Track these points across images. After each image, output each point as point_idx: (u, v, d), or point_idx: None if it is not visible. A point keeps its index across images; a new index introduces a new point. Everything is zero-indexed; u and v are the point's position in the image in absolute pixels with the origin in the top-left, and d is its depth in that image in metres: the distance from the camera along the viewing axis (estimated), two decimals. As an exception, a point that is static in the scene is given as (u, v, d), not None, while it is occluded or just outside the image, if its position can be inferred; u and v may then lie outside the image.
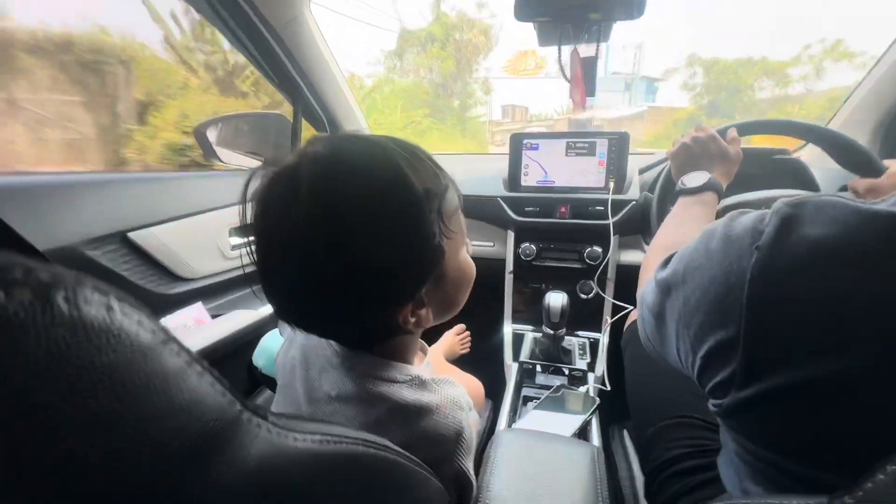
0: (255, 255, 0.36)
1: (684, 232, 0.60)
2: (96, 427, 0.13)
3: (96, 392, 0.13)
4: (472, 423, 0.73)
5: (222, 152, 1.07)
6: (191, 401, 0.16)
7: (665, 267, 0.43)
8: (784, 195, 0.76)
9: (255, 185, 0.36)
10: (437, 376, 0.45)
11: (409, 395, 0.40)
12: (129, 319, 0.14)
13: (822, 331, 0.27)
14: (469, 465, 0.44)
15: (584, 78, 0.83)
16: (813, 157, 1.05)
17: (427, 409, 0.40)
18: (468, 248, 0.47)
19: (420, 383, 0.42)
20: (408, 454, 0.34)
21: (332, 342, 0.44)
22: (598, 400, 0.88)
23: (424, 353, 0.54)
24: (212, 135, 1.22)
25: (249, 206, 0.36)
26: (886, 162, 0.70)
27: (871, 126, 0.98)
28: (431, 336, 1.19)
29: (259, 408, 0.20)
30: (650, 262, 0.57)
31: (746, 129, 0.79)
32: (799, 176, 1.01)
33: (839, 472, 0.28)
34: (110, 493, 0.13)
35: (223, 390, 0.18)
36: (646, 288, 0.48)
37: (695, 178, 0.70)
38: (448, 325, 1.27)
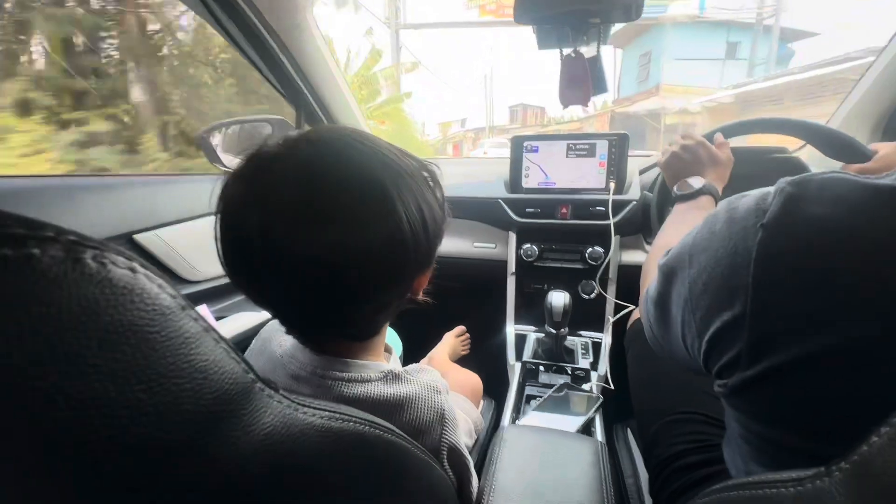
0: (246, 263, 0.33)
1: (684, 231, 0.60)
2: (122, 379, 0.14)
3: (123, 347, 0.14)
4: (462, 408, 0.73)
5: (226, 157, 1.08)
6: (208, 363, 0.16)
7: (667, 255, 0.43)
8: None
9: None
10: (410, 366, 0.45)
11: (385, 390, 0.40)
12: (151, 283, 0.15)
13: (826, 305, 0.27)
14: (459, 440, 0.44)
15: (592, 76, 0.84)
16: (812, 156, 1.06)
17: (406, 401, 0.40)
18: None
19: (394, 377, 0.41)
20: (411, 439, 0.34)
21: (296, 355, 0.41)
22: (601, 398, 0.88)
23: (389, 352, 0.54)
24: (215, 139, 1.23)
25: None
26: (872, 146, 0.70)
27: (872, 123, 0.98)
28: (430, 338, 1.20)
29: (270, 381, 0.21)
30: (651, 263, 0.57)
31: (731, 131, 0.81)
32: (798, 174, 1.02)
33: (842, 445, 0.28)
34: (132, 442, 0.14)
35: (238, 359, 0.18)
36: (649, 285, 0.48)
37: (689, 184, 0.70)
38: (448, 328, 1.28)
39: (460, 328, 1.28)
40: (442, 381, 0.45)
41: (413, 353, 1.12)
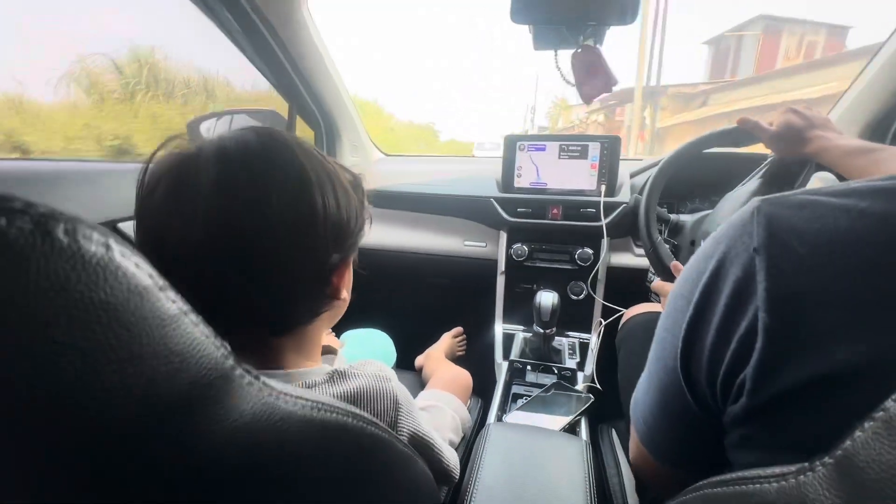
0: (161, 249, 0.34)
1: None
2: (92, 358, 0.13)
3: (93, 325, 0.13)
4: (451, 406, 0.73)
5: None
6: (185, 347, 0.16)
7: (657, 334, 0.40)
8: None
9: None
10: (355, 363, 0.45)
11: (333, 390, 0.39)
12: (127, 260, 0.14)
13: (844, 319, 0.26)
14: (419, 425, 0.45)
15: (601, 68, 0.84)
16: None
17: (357, 395, 0.40)
18: None
19: (340, 375, 0.41)
20: (395, 434, 0.34)
21: None
22: (591, 397, 0.89)
23: (333, 353, 0.53)
24: (205, 129, 1.22)
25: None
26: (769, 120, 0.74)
27: (859, 128, 1.00)
28: (425, 339, 1.20)
29: (251, 368, 0.20)
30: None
31: (650, 215, 0.91)
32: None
33: None
34: (101, 425, 0.13)
35: (218, 343, 0.18)
36: (636, 393, 0.45)
37: None
38: (440, 327, 1.28)
39: (457, 329, 1.29)
40: (390, 371, 0.45)
41: (408, 351, 1.11)
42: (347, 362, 0.51)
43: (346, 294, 0.41)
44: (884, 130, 0.99)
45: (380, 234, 1.33)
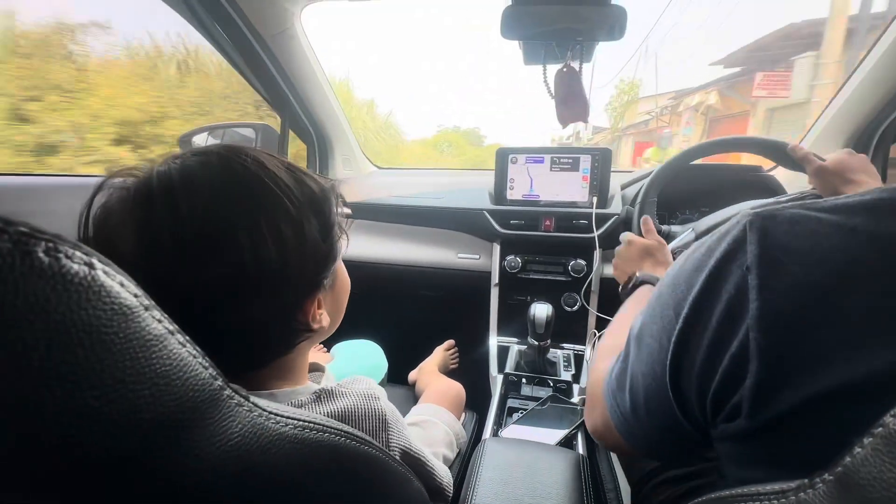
0: None
1: (627, 320, 0.53)
2: (73, 384, 0.13)
3: (75, 349, 0.13)
4: (444, 421, 0.73)
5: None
6: (171, 368, 0.15)
7: (635, 326, 0.41)
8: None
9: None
10: (342, 380, 0.43)
11: (321, 409, 0.38)
12: (111, 279, 0.14)
13: (837, 338, 0.26)
14: (409, 441, 0.44)
15: (580, 97, 0.86)
16: (788, 176, 1.09)
17: (345, 415, 0.39)
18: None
19: (327, 394, 0.40)
20: (389, 452, 0.33)
21: None
22: None
23: (321, 371, 0.52)
24: (197, 144, 1.21)
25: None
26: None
27: (844, 139, 1.01)
28: (418, 351, 1.19)
29: (240, 389, 0.20)
30: (603, 353, 0.54)
31: (657, 188, 0.90)
32: (772, 190, 1.05)
33: None
34: (83, 454, 0.13)
35: (205, 364, 0.17)
36: (609, 369, 0.44)
37: (628, 282, 0.75)
38: (434, 339, 1.27)
39: (450, 342, 1.28)
40: (379, 389, 0.44)
41: (401, 365, 1.10)
42: (336, 378, 0.49)
43: (325, 321, 0.39)
44: (867, 140, 1.01)
45: (372, 247, 1.32)
